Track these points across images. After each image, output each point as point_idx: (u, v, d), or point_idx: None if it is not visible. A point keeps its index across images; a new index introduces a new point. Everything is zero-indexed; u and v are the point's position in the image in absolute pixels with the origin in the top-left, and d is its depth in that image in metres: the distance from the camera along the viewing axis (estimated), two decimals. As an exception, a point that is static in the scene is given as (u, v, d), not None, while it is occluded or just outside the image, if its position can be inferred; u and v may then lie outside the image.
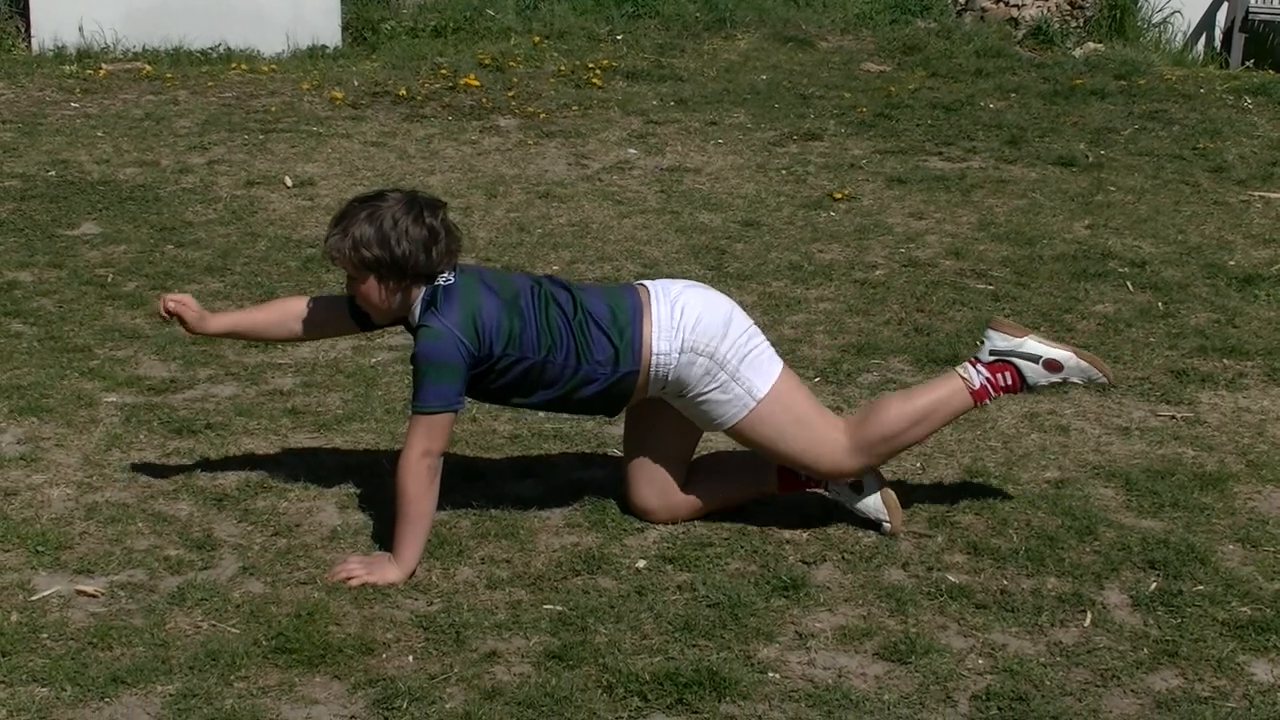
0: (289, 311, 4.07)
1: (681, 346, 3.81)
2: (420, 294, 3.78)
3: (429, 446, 3.70)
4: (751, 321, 3.95)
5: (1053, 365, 3.91)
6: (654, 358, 3.81)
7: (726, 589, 3.67)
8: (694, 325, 3.82)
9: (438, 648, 3.41)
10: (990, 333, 3.98)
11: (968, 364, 3.99)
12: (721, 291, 4.05)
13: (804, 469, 3.96)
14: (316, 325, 4.07)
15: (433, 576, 3.73)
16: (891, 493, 4.00)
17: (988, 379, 3.93)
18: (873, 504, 3.98)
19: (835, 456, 3.90)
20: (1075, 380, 3.95)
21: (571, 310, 3.82)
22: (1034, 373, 3.91)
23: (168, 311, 3.99)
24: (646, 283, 3.96)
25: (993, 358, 3.94)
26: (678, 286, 3.94)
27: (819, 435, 3.90)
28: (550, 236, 6.71)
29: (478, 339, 3.71)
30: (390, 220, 3.72)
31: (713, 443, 4.29)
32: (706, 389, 3.84)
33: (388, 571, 3.69)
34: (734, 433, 3.93)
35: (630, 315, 3.83)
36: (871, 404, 4.07)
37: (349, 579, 3.67)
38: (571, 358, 3.79)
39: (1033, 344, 3.93)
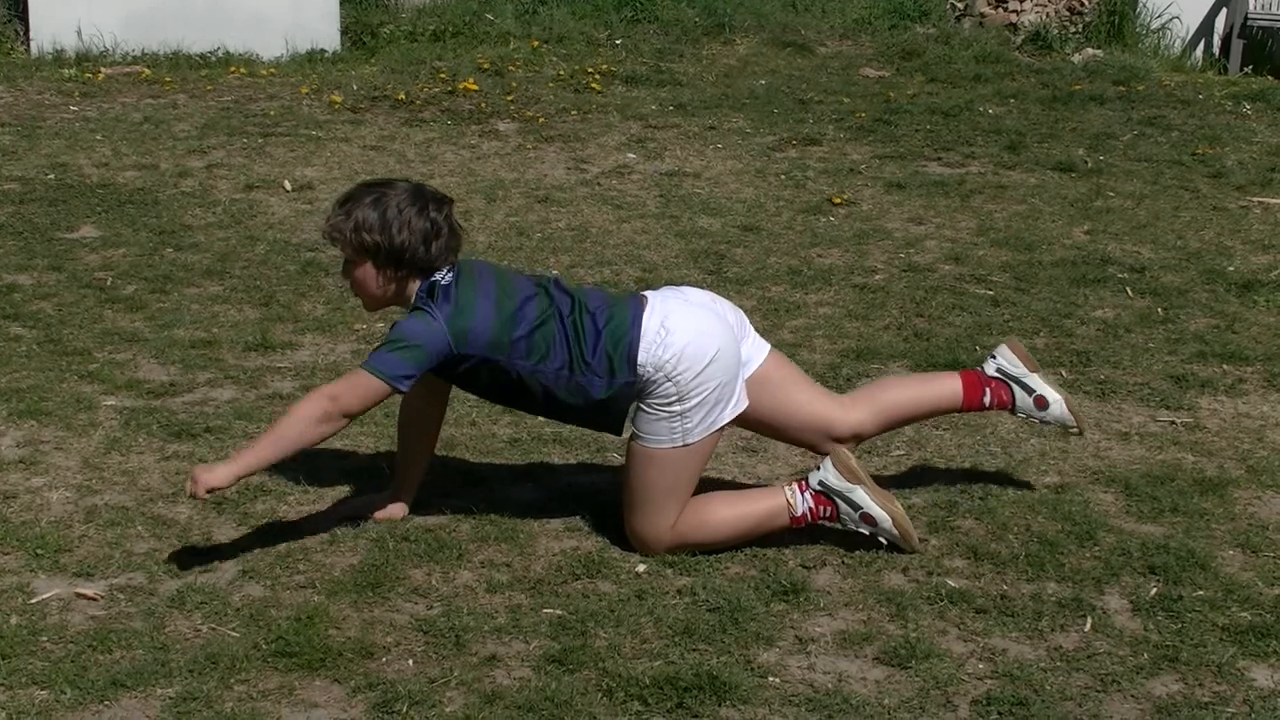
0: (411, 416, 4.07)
1: (656, 365, 3.74)
2: (416, 288, 3.77)
3: (346, 402, 3.62)
4: (738, 369, 3.85)
5: None
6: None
7: (726, 593, 3.67)
8: (675, 357, 3.73)
9: (437, 651, 3.41)
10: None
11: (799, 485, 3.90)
12: (722, 295, 4.01)
13: (629, 519, 3.85)
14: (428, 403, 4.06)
15: (433, 580, 3.73)
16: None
17: (811, 508, 3.86)
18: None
19: (657, 535, 3.83)
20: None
21: (570, 314, 3.78)
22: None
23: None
24: (652, 295, 3.90)
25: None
26: (676, 304, 3.84)
27: (667, 510, 3.80)
28: (549, 241, 6.71)
29: (463, 343, 3.69)
30: (395, 208, 3.71)
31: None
32: (659, 403, 3.76)
33: (215, 469, 3.59)
34: (633, 453, 3.83)
35: (628, 329, 3.76)
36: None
37: (193, 494, 3.58)
38: (565, 369, 3.76)
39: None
